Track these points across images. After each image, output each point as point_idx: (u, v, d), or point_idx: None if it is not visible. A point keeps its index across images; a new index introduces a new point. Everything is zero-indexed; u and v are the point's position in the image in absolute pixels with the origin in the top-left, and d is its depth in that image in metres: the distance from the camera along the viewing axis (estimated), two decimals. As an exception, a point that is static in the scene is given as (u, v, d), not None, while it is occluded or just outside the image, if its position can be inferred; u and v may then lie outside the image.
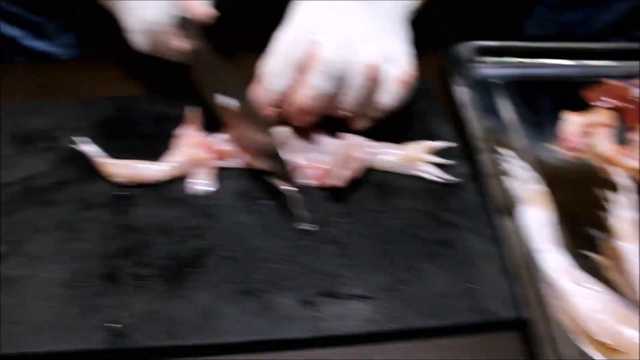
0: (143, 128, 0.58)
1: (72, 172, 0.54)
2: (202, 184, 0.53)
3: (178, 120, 0.57)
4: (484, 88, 0.64)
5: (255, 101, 0.52)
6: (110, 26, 0.56)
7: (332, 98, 0.51)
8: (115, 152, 0.54)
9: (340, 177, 0.50)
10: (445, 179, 0.53)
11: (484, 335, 0.44)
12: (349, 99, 0.52)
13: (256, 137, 0.52)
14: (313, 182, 0.53)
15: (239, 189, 0.53)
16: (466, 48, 0.67)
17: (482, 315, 0.44)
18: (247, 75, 0.54)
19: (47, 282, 0.45)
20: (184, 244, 0.48)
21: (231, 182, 0.53)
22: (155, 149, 0.55)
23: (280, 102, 0.52)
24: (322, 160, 0.53)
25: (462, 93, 0.61)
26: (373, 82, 0.51)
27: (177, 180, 0.53)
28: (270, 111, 0.53)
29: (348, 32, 0.51)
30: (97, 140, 0.55)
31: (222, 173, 0.54)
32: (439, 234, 0.50)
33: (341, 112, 0.53)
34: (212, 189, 0.52)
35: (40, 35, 0.72)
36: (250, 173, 0.54)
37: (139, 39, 0.56)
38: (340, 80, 0.50)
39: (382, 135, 0.57)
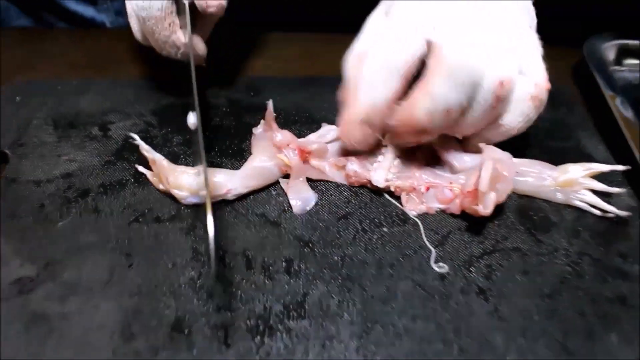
0: (213, 120, 0.46)
1: (127, 171, 0.42)
2: (297, 199, 0.40)
3: (256, 111, 0.45)
4: (631, 96, 0.51)
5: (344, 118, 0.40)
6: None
7: (456, 114, 0.38)
8: (178, 150, 0.42)
9: (486, 202, 0.38)
10: (611, 213, 0.40)
11: None
12: (472, 119, 0.39)
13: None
14: (442, 208, 0.40)
15: (345, 212, 0.40)
16: (607, 47, 0.55)
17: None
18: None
19: (93, 326, 0.33)
20: (279, 284, 0.36)
21: (331, 197, 0.41)
22: (231, 150, 0.43)
23: (380, 118, 0.39)
24: (454, 180, 0.41)
25: (615, 101, 0.48)
26: (502, 101, 0.38)
27: (256, 193, 0.41)
28: (364, 134, 0.39)
29: (475, 33, 0.38)
30: (154, 133, 0.44)
31: (320, 186, 0.42)
32: (609, 287, 0.37)
33: (460, 133, 0.40)
34: (308, 207, 0.40)
35: (86, -1, 0.61)
36: (357, 189, 0.42)
37: (133, 26, 0.45)
38: (469, 93, 0.37)
39: (513, 149, 0.45)
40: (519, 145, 0.45)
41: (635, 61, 0.55)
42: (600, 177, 0.42)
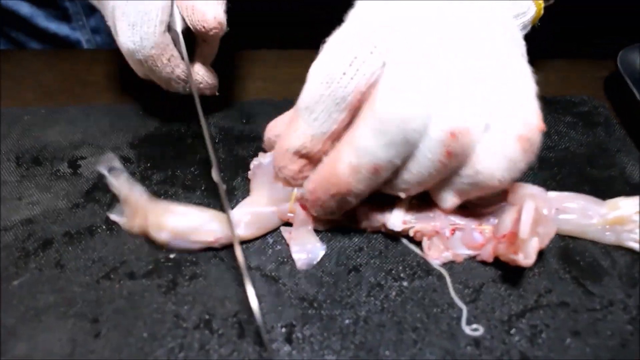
0: (200, 152, 0.40)
1: (98, 215, 0.36)
2: (301, 252, 0.34)
3: (249, 140, 0.38)
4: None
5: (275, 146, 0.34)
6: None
7: (387, 173, 0.30)
8: (158, 189, 0.36)
9: (527, 250, 0.31)
10: None
11: None
12: (415, 177, 0.31)
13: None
14: (472, 254, 0.34)
15: (356, 262, 0.34)
16: (641, 57, 0.49)
17: None
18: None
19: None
20: (278, 357, 0.29)
21: (339, 245, 0.35)
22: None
23: (318, 153, 0.32)
24: (484, 221, 0.34)
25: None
26: (456, 156, 0.30)
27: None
28: (299, 168, 0.33)
29: (433, 64, 0.29)
30: (131, 169, 0.37)
31: (325, 232, 0.35)
32: (678, 349, 0.31)
33: (402, 192, 0.32)
34: (315, 261, 0.34)
35: (58, 15, 0.55)
36: (370, 234, 0.35)
37: (132, 66, 0.39)
38: (402, 152, 0.30)
39: (551, 179, 0.39)
40: (556, 173, 0.39)
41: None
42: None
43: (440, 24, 0.31)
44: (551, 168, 0.40)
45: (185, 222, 0.33)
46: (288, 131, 0.32)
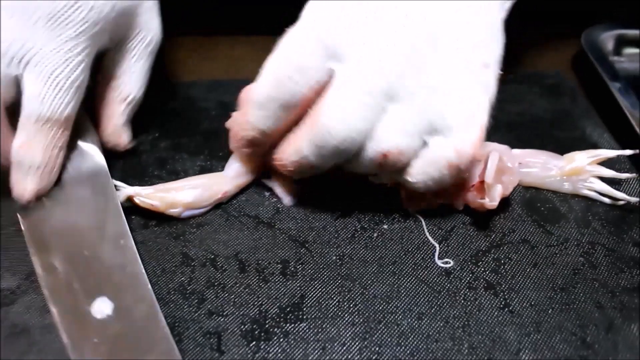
0: (202, 123, 0.45)
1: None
2: (285, 193, 0.38)
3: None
4: (632, 84, 0.49)
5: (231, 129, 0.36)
6: None
7: (325, 170, 0.34)
8: (167, 155, 0.41)
9: (492, 194, 0.36)
10: (622, 200, 0.38)
11: None
12: (356, 169, 0.34)
13: None
14: (445, 203, 0.38)
15: (342, 210, 0.38)
16: (606, 37, 0.53)
17: None
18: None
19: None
20: (274, 287, 0.34)
21: (327, 196, 0.39)
22: (221, 153, 0.41)
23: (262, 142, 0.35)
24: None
25: (617, 90, 0.47)
26: (389, 171, 0.33)
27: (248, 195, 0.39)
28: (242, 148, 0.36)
29: (376, 77, 0.31)
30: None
31: (314, 185, 0.40)
32: (625, 276, 0.35)
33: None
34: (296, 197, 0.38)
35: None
36: (351, 183, 0.40)
37: None
38: (336, 161, 0.33)
39: (518, 140, 0.43)
40: (522, 136, 0.44)
41: (635, 50, 0.54)
42: (608, 164, 0.40)
43: (395, 29, 0.31)
44: (520, 130, 0.45)
45: (194, 193, 0.38)
46: (242, 120, 0.34)
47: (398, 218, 0.38)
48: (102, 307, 0.31)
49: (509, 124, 0.45)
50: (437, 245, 0.36)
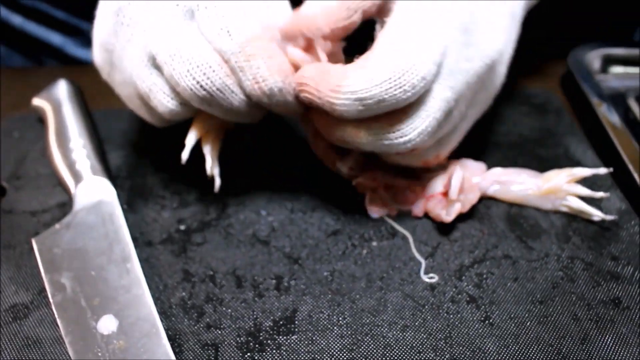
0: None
1: (120, 197, 0.43)
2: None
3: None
4: (617, 102, 0.51)
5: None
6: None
7: None
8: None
9: (450, 209, 0.38)
10: (597, 217, 0.40)
11: None
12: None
13: None
14: (404, 209, 0.41)
15: (334, 228, 0.41)
16: (592, 56, 0.55)
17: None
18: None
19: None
20: (269, 301, 0.36)
21: (320, 214, 0.41)
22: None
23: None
24: (414, 182, 0.41)
25: (601, 108, 0.49)
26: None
27: (245, 215, 0.41)
28: None
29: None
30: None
31: (310, 203, 0.42)
32: (602, 290, 0.37)
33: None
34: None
35: (87, 42, 0.63)
36: (347, 207, 0.42)
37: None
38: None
39: (504, 159, 0.45)
40: (509, 154, 0.46)
41: (620, 69, 0.55)
42: (590, 182, 0.42)
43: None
44: (506, 149, 0.47)
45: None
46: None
47: (387, 236, 0.40)
48: (107, 324, 0.33)
49: (495, 143, 0.47)
50: (423, 261, 0.38)
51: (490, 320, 0.35)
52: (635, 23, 0.69)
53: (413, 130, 0.34)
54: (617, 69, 0.56)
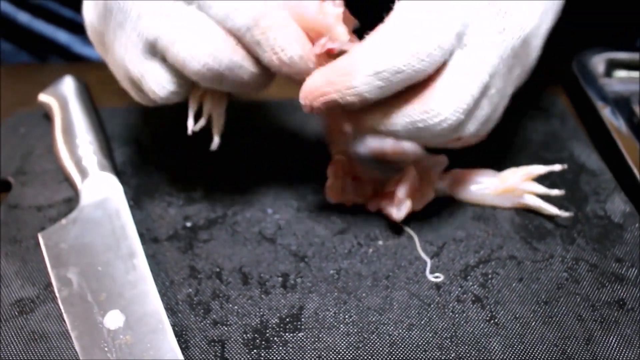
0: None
1: (127, 194, 0.43)
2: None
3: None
4: (621, 106, 0.52)
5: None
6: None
7: None
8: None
9: (400, 208, 0.39)
10: (555, 213, 0.40)
11: None
12: None
13: None
14: (360, 202, 0.42)
15: (341, 227, 0.41)
16: (597, 60, 0.56)
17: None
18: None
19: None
20: (275, 298, 0.36)
21: (328, 213, 0.41)
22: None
23: None
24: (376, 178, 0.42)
25: (605, 111, 0.49)
26: None
27: (252, 213, 0.41)
28: None
29: None
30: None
31: (316, 203, 0.42)
32: (606, 291, 0.37)
33: None
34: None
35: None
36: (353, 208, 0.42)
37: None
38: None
39: (508, 162, 0.46)
40: (513, 157, 0.46)
41: (624, 73, 0.56)
42: (595, 185, 0.42)
43: (497, 28, 0.34)
44: (510, 152, 0.47)
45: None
46: (340, 83, 0.32)
47: (393, 235, 0.40)
48: (114, 319, 0.33)
49: (499, 146, 0.47)
50: (428, 261, 0.38)
51: (496, 320, 0.35)
52: (638, 29, 0.69)
53: (447, 107, 0.33)
54: (621, 73, 0.56)
